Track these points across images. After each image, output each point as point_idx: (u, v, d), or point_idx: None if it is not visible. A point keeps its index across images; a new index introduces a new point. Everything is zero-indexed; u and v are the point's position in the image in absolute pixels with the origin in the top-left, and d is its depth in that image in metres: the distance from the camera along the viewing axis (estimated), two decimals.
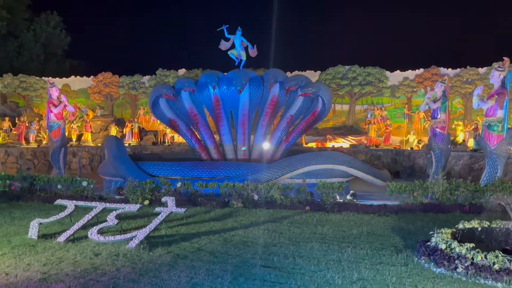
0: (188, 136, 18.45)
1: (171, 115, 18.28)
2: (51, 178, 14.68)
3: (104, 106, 31.76)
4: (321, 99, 17.27)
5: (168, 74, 31.63)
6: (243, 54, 18.25)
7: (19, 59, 40.40)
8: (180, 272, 7.12)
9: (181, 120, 18.39)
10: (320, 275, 6.99)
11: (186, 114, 18.30)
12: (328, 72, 29.56)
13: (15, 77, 31.86)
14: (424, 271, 7.14)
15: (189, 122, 18.47)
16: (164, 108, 18.13)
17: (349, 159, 15.72)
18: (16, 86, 31.68)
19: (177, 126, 18.48)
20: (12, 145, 24.58)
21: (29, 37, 40.83)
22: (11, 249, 8.43)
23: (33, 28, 41.62)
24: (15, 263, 7.58)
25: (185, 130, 18.37)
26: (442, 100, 15.94)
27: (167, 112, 18.22)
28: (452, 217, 11.05)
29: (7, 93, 31.54)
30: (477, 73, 27.01)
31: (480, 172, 16.27)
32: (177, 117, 18.34)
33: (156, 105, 18.07)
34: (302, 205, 12.38)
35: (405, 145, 24.33)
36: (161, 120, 19.01)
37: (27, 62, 40.33)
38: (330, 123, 29.21)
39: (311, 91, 17.33)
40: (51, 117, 17.74)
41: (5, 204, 13.03)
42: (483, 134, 14.47)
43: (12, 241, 9.01)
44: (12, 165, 23.04)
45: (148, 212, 11.29)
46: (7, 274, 7.05)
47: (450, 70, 27.89)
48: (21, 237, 9.26)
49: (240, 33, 17.94)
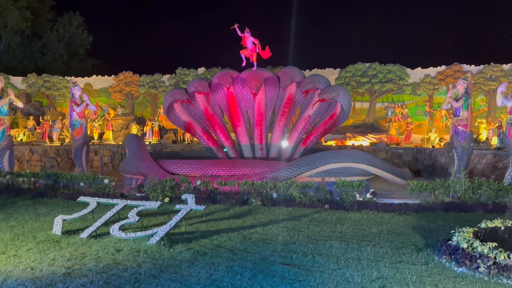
0: (204, 139, 18.39)
1: (186, 118, 18.23)
2: (74, 176, 14.97)
3: (125, 105, 32.21)
4: (340, 105, 16.71)
5: (188, 73, 31.87)
6: (255, 54, 17.72)
7: (43, 59, 41.26)
8: (200, 268, 7.20)
9: (197, 122, 18.32)
10: (339, 273, 6.98)
11: (201, 116, 18.24)
12: (347, 70, 29.35)
13: (39, 77, 32.54)
14: (445, 270, 7.07)
15: (205, 124, 18.40)
16: (179, 111, 18.06)
17: (369, 157, 15.60)
18: (40, 85, 32.36)
19: (193, 129, 18.43)
20: (36, 143, 25.14)
21: (52, 37, 41.66)
22: (36, 244, 8.65)
23: (56, 29, 42.45)
24: (40, 258, 7.78)
25: (201, 133, 18.30)
26: (465, 98, 15.69)
27: (182, 116, 18.16)
28: (474, 216, 10.88)
29: (31, 93, 32.26)
30: (501, 69, 26.45)
31: (503, 171, 15.97)
32: (193, 119, 18.28)
33: (171, 109, 18.04)
34: (321, 204, 12.35)
35: (427, 143, 24.01)
36: (176, 124, 18.85)
37: (51, 62, 41.16)
38: (350, 121, 28.97)
39: (329, 96, 16.55)
40: (74, 116, 18.12)
41: (30, 201, 13.37)
42: (507, 131, 14.21)
43: (37, 236, 9.24)
44: (36, 162, 23.57)
45: (168, 209, 11.43)
46: (32, 268, 7.25)
47: (473, 66, 27.37)
48: (46, 233, 9.49)
49: (249, 33, 17.37)
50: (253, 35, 17.58)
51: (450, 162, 16.25)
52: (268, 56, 17.79)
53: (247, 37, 17.51)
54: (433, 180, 13.02)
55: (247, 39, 17.55)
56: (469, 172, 15.08)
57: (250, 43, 17.56)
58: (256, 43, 17.55)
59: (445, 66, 27.87)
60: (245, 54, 17.78)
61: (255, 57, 17.73)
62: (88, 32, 44.47)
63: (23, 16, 38.82)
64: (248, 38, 17.52)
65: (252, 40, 17.50)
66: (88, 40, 44.52)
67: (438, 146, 22.87)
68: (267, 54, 17.73)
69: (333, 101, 16.87)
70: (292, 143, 17.89)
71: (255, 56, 17.72)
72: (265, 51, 17.67)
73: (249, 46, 17.64)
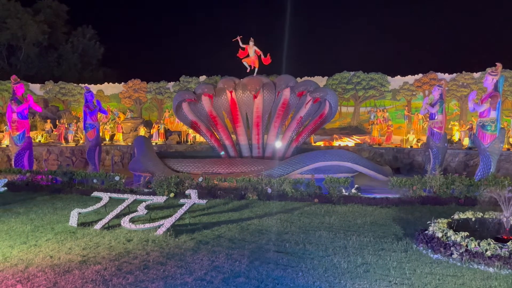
0: (208, 136, 18.49)
1: (192, 117, 18.27)
2: (87, 173, 14.94)
3: (133, 110, 32.12)
4: (328, 103, 17.05)
5: (191, 80, 31.82)
6: (256, 61, 18.04)
7: (59, 68, 41.06)
8: (203, 256, 7.23)
9: (202, 121, 18.39)
10: (328, 260, 7.03)
11: (206, 116, 18.33)
12: (334, 78, 29.42)
13: (56, 84, 32.38)
14: (422, 257, 7.13)
15: (209, 124, 18.50)
16: (187, 111, 18.14)
17: (354, 156, 15.65)
18: (56, 92, 32.21)
19: (198, 128, 18.50)
20: (53, 144, 25.02)
21: (67, 48, 41.48)
22: (54, 235, 8.65)
23: (71, 41, 42.27)
24: (58, 247, 7.78)
25: (205, 131, 18.39)
26: (440, 103, 15.81)
27: (189, 115, 18.22)
28: (448, 209, 10.95)
29: (48, 98, 32.09)
30: (472, 77, 26.60)
31: (474, 168, 16.08)
32: (198, 119, 18.34)
33: (180, 108, 18.11)
34: (311, 198, 12.39)
35: (405, 144, 24.09)
36: (183, 122, 19.02)
37: (66, 71, 40.97)
38: (337, 124, 29.06)
39: (319, 95, 17.03)
40: (87, 120, 18.08)
41: (48, 196, 13.33)
42: (478, 133, 14.31)
43: (55, 228, 9.24)
44: (53, 162, 23.45)
45: (173, 203, 11.43)
46: (51, 257, 7.25)
47: (447, 75, 27.49)
48: (63, 225, 9.49)
49: (252, 43, 17.74)
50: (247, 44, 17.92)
51: (427, 160, 16.34)
52: (269, 62, 18.13)
53: (250, 46, 17.79)
54: (411, 177, 13.12)
55: (250, 49, 17.82)
56: (443, 170, 15.14)
57: (252, 52, 17.83)
58: (258, 52, 17.88)
59: (422, 74, 27.98)
60: (248, 62, 18.06)
61: (257, 64, 18.03)
62: (100, 44, 44.34)
63: (41, 29, 38.65)
64: (251, 47, 17.80)
65: (255, 49, 17.81)
66: (100, 50, 44.36)
67: (416, 146, 22.96)
68: (268, 60, 18.06)
69: (322, 100, 17.12)
70: (285, 142, 17.99)
71: (257, 63, 18.02)
72: (266, 58, 18.01)
73: (251, 54, 17.87)
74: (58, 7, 41.58)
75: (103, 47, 44.49)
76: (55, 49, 41.36)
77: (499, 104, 13.83)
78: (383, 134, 25.09)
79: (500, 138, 13.98)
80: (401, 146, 23.70)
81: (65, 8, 42.15)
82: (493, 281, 6.06)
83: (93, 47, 43.78)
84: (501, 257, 6.55)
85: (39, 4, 40.45)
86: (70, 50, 41.53)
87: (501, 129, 14.12)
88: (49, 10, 40.69)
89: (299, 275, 6.36)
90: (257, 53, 17.99)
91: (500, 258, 6.53)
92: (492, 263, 6.51)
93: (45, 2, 40.72)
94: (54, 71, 40.46)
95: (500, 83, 13.85)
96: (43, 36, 38.94)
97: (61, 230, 9.06)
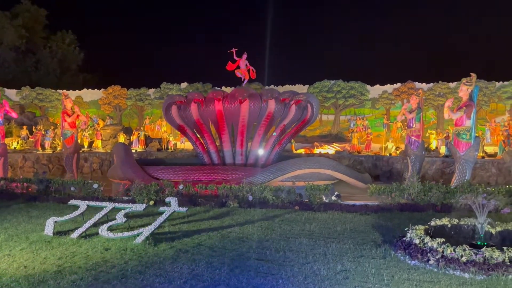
0: (193, 140, 18.83)
1: (180, 122, 18.60)
2: (65, 181, 14.62)
3: (113, 116, 31.72)
4: (310, 106, 17.69)
5: (172, 87, 31.66)
6: (247, 74, 18.97)
7: (37, 73, 40.29)
8: (182, 264, 7.15)
9: (189, 127, 18.75)
10: (308, 267, 7.05)
11: (193, 123, 18.65)
12: (315, 86, 29.76)
13: (33, 90, 31.74)
14: (400, 263, 7.22)
15: (195, 129, 18.83)
16: (175, 115, 18.42)
17: (334, 164, 15.81)
18: (33, 97, 31.57)
19: (184, 131, 18.96)
20: (29, 151, 24.45)
21: (46, 53, 40.78)
22: (29, 244, 8.41)
23: (50, 46, 41.59)
24: (33, 257, 7.57)
25: (191, 135, 18.79)
26: (417, 111, 16.12)
27: (177, 119, 18.53)
28: (425, 216, 11.12)
29: (25, 104, 31.41)
30: (448, 87, 27.35)
31: (451, 176, 16.42)
32: (185, 124, 18.68)
33: (169, 111, 18.34)
34: (292, 205, 12.42)
35: (384, 152, 24.47)
36: (171, 124, 19.47)
37: (44, 76, 40.22)
38: (317, 132, 29.37)
39: (302, 98, 17.73)
40: (65, 126, 17.75)
41: (23, 204, 12.95)
42: (453, 141, 14.63)
43: (29, 237, 8.98)
44: (29, 169, 22.90)
45: (153, 211, 11.27)
46: (25, 266, 7.05)
47: (424, 84, 28.18)
48: (38, 234, 9.23)
49: (245, 56, 18.81)
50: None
51: (405, 168, 16.62)
52: (254, 77, 19.57)
53: (243, 59, 18.80)
54: (390, 184, 13.29)
55: (242, 62, 18.80)
56: (421, 177, 15.44)
57: (244, 65, 18.85)
58: (248, 66, 18.98)
59: (400, 83, 28.58)
60: (241, 72, 19.01)
61: (247, 76, 19.01)
62: (79, 49, 43.77)
63: (19, 33, 37.94)
64: (243, 61, 18.81)
65: (246, 63, 18.87)
66: (79, 56, 43.79)
67: (395, 154, 23.35)
68: (253, 75, 19.38)
69: (305, 103, 17.77)
70: (268, 148, 18.27)
71: (247, 75, 19.01)
72: (253, 73, 19.26)
73: (242, 67, 18.85)
74: (37, 11, 40.90)
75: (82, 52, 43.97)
76: (33, 54, 40.59)
77: (474, 113, 14.20)
78: (363, 142, 25.44)
79: (475, 146, 14.33)
80: (380, 154, 24.06)
81: (44, 13, 41.49)
82: (468, 287, 6.18)
83: (72, 52, 43.20)
84: (476, 262, 6.69)
85: (17, 8, 39.74)
86: (48, 55, 40.86)
87: (476, 138, 14.47)
88: (27, 14, 40.00)
89: (279, 283, 6.35)
90: (248, 68, 19.00)
91: (475, 263, 6.67)
92: (468, 268, 6.63)
93: (23, 6, 40.02)
94: (32, 76, 39.66)
95: (475, 93, 14.24)
96: (21, 40, 38.22)
97: (36, 239, 8.82)
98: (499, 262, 6.65)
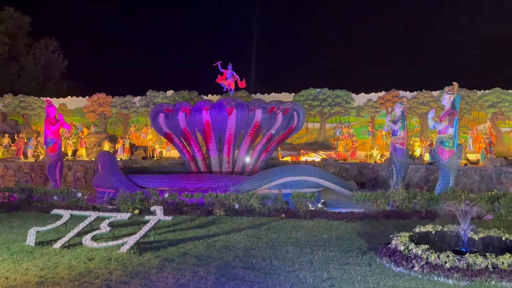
0: (180, 148, 18.82)
1: (167, 130, 18.60)
2: (48, 190, 14.39)
3: (98, 124, 31.35)
4: (296, 114, 17.99)
5: (157, 95, 31.48)
6: (233, 84, 19.13)
7: (19, 81, 39.62)
8: (168, 274, 7.08)
9: (176, 135, 18.72)
10: (294, 275, 7.05)
11: (180, 131, 18.61)
12: (301, 94, 29.96)
13: (15, 97, 31.22)
14: (385, 270, 7.28)
15: (182, 138, 18.80)
16: (162, 123, 18.42)
17: (320, 171, 15.88)
18: (16, 105, 31.05)
19: (171, 139, 18.96)
20: (11, 160, 23.99)
21: (29, 60, 40.18)
22: (10, 255, 8.23)
23: (33, 53, 41.01)
24: (14, 268, 7.41)
25: (178, 142, 18.78)
26: (401, 119, 16.35)
27: (164, 127, 18.52)
28: (410, 223, 11.23)
29: (7, 112, 30.84)
30: (431, 95, 27.83)
31: (435, 183, 16.63)
32: (173, 132, 18.66)
33: (156, 119, 18.34)
34: (278, 213, 12.43)
35: (370, 159, 24.72)
36: (158, 132, 19.57)
37: (27, 84, 39.57)
38: (303, 139, 29.52)
39: (289, 106, 17.93)
40: (49, 134, 17.49)
41: (4, 214, 12.69)
42: (437, 149, 14.84)
43: (11, 248, 8.80)
44: (10, 178, 22.47)
45: (138, 220, 11.14)
46: (6, 278, 6.90)
47: (408, 93, 28.63)
48: (20, 244, 9.05)
49: (231, 67, 19.00)
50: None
51: (390, 175, 16.78)
52: (243, 86, 19.78)
53: (229, 71, 19.00)
54: (376, 191, 13.40)
55: (228, 73, 19.00)
56: (405, 184, 15.60)
57: (230, 75, 19.01)
58: (235, 77, 19.13)
59: (385, 92, 28.99)
60: (225, 83, 19.21)
61: (233, 86, 19.27)
62: (63, 56, 43.25)
63: (1, 40, 37.33)
64: (229, 72, 19.01)
65: (233, 73, 19.04)
66: (63, 63, 43.24)
67: (380, 162, 23.59)
68: (243, 84, 19.51)
69: (291, 111, 18.03)
70: (254, 156, 18.39)
71: (233, 85, 19.25)
72: (242, 82, 19.37)
73: (228, 77, 19.01)
74: (20, 18, 40.30)
75: (66, 59, 43.45)
76: (16, 61, 39.94)
77: (456, 121, 14.46)
78: (348, 150, 25.64)
79: (458, 154, 14.58)
80: (365, 161, 24.29)
81: (28, 20, 40.90)
82: None
83: (56, 59, 42.64)
84: (459, 269, 6.78)
85: (0, 14, 39.15)
86: (32, 62, 40.25)
87: (459, 145, 14.73)
88: (10, 21, 39.38)
89: None
90: (234, 78, 19.12)
91: (458, 270, 6.76)
92: (451, 275, 6.72)
93: (6, 13, 39.41)
94: (14, 84, 38.97)
95: (457, 101, 14.52)
96: (3, 47, 37.60)
97: (17, 249, 8.63)
98: (482, 268, 6.75)
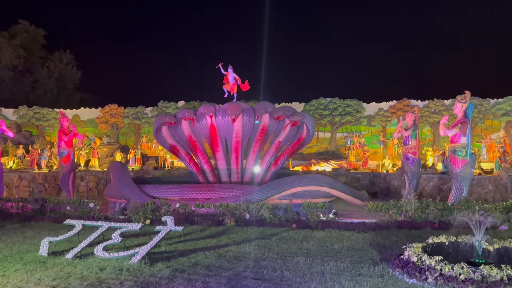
0: (187, 160, 18.49)
1: (172, 141, 18.32)
2: (60, 200, 14.56)
3: (110, 135, 31.72)
4: (305, 126, 17.48)
5: (169, 105, 31.79)
6: (235, 88, 18.47)
7: (34, 93, 40.40)
8: (179, 284, 7.07)
9: (181, 146, 18.45)
10: (305, 286, 6.99)
11: (185, 141, 18.37)
12: (311, 104, 29.96)
13: (30, 109, 31.80)
14: (398, 282, 7.17)
15: (188, 148, 18.52)
16: (166, 135, 18.19)
17: (331, 181, 15.79)
18: (30, 116, 31.60)
19: (177, 152, 18.53)
20: (25, 170, 24.37)
21: (43, 73, 40.98)
22: (23, 265, 8.32)
23: (47, 65, 41.83)
24: (27, 278, 7.48)
25: (184, 155, 18.43)
26: (413, 128, 16.21)
27: (169, 139, 18.27)
28: (423, 233, 11.11)
29: (21, 123, 31.41)
30: (443, 104, 27.58)
31: (448, 193, 16.43)
32: (178, 143, 18.39)
33: (159, 132, 18.15)
34: (289, 223, 12.38)
35: (381, 169, 24.52)
36: (163, 145, 19.12)
37: (41, 95, 40.32)
38: (314, 149, 29.42)
39: (297, 118, 17.40)
40: (62, 145, 17.75)
41: (18, 224, 12.86)
42: (450, 158, 14.69)
43: (24, 258, 8.90)
44: (24, 188, 22.80)
45: (149, 230, 11.20)
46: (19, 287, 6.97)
47: (420, 101, 28.41)
48: (33, 254, 9.15)
49: (231, 69, 18.22)
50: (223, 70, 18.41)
51: (402, 185, 16.61)
52: (247, 88, 18.63)
53: (230, 73, 18.22)
54: (388, 201, 13.26)
55: (230, 75, 18.24)
56: (418, 194, 15.44)
57: (232, 78, 18.24)
58: (237, 78, 18.31)
59: (396, 101, 28.83)
60: (227, 88, 18.45)
61: (235, 90, 18.45)
62: (77, 68, 44.03)
63: (16, 53, 38.18)
64: (230, 74, 18.24)
65: (234, 76, 18.24)
66: (76, 75, 44.00)
67: (391, 171, 23.39)
68: (246, 87, 18.51)
69: (300, 124, 17.52)
70: (264, 167, 18.10)
71: (236, 89, 18.44)
72: (244, 85, 18.44)
73: (231, 81, 18.28)
74: (35, 31, 41.27)
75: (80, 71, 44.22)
76: (30, 74, 40.77)
77: (469, 130, 14.31)
78: (360, 159, 25.49)
79: (471, 163, 14.40)
80: (377, 171, 24.10)
81: (42, 33, 41.86)
82: None
83: (69, 71, 43.40)
84: (474, 280, 6.65)
85: (15, 28, 40.09)
86: (46, 75, 41.03)
87: (472, 155, 14.55)
88: (25, 35, 40.34)
89: None
90: (236, 79, 18.34)
91: (473, 282, 6.63)
92: (466, 286, 6.59)
93: (21, 27, 40.39)
94: (29, 95, 39.76)
95: (469, 109, 14.38)
96: (19, 60, 38.44)
97: (30, 259, 8.73)
98: (497, 280, 6.61)
